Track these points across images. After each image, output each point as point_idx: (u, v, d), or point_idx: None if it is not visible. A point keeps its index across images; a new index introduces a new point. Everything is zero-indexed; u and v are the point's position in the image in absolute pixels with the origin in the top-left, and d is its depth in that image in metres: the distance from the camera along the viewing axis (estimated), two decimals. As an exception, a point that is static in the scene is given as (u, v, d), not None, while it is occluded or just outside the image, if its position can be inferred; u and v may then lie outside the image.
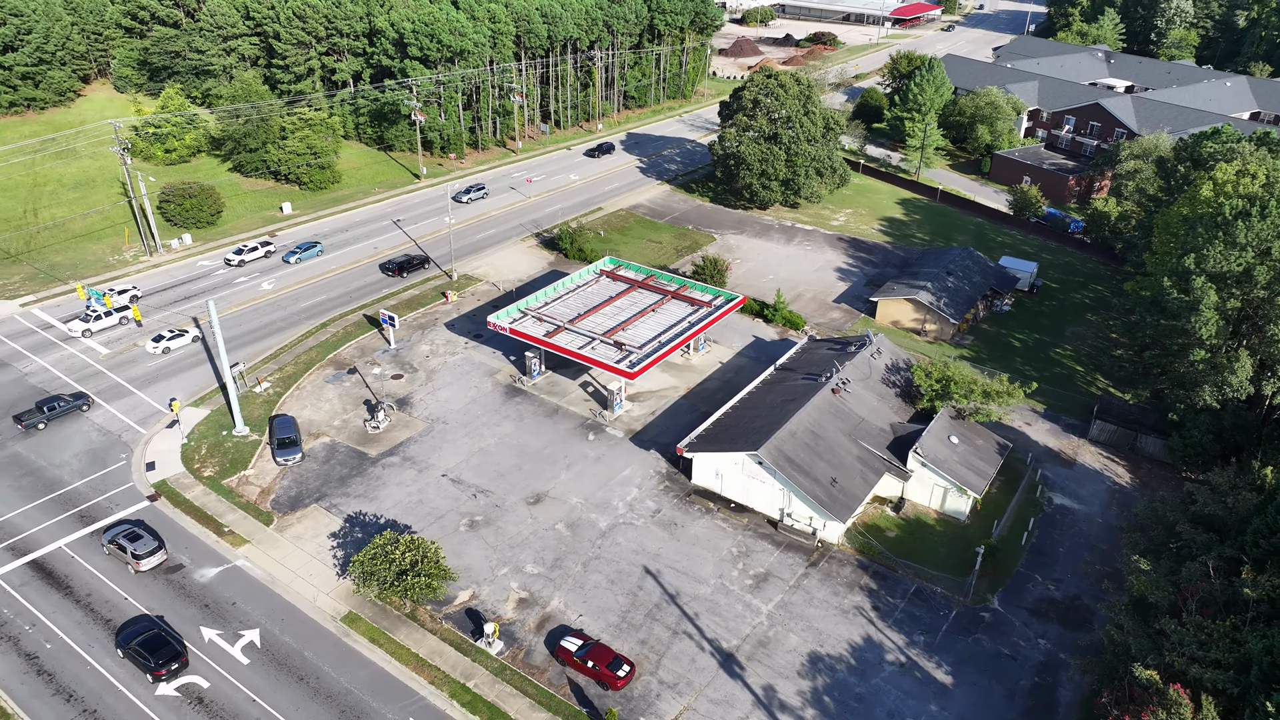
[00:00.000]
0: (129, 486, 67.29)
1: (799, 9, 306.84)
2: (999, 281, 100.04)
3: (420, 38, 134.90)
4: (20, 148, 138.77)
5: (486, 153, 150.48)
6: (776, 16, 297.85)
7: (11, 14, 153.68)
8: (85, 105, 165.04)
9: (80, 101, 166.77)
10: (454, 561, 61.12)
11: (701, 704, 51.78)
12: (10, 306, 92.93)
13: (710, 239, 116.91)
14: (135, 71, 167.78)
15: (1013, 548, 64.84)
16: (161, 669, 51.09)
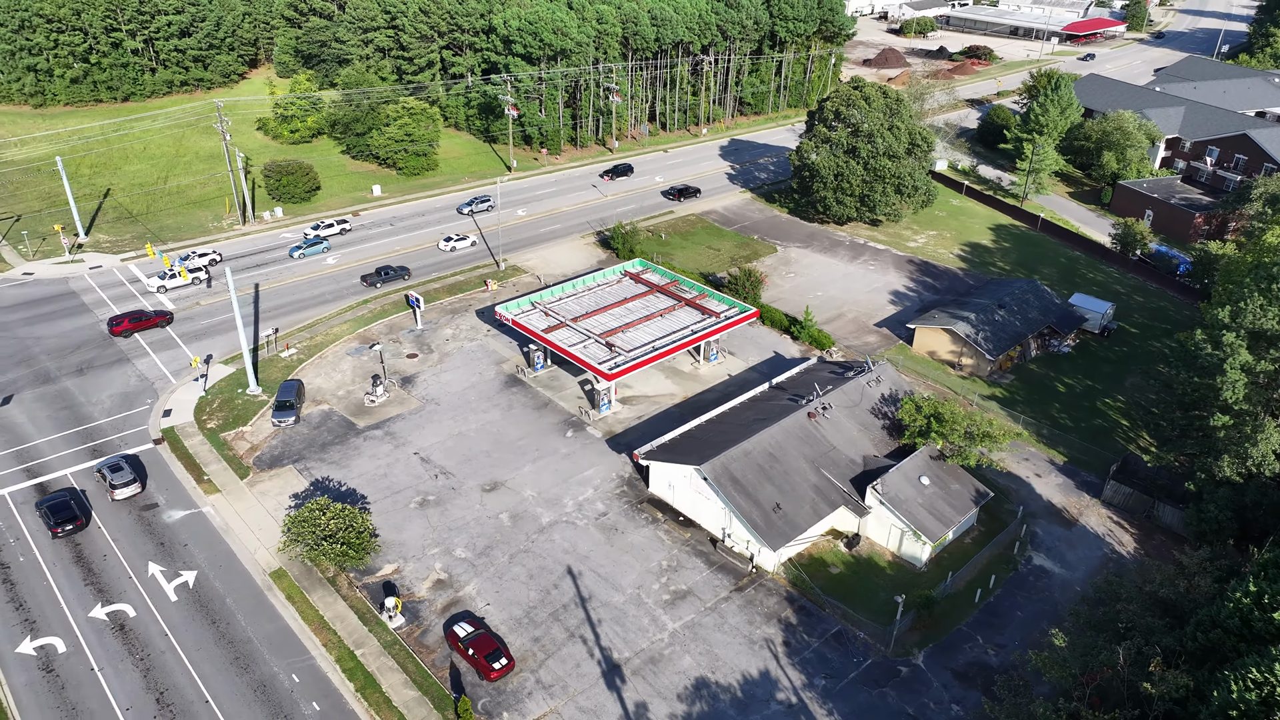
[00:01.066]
0: (143, 429, 74.35)
1: (965, 21, 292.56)
2: (1060, 320, 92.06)
3: (524, 35, 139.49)
4: (176, 122, 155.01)
5: (584, 150, 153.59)
6: (938, 28, 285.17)
7: (190, 2, 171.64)
8: (245, 87, 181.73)
9: (242, 83, 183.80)
10: (393, 536, 63.67)
11: (569, 710, 51.44)
12: (112, 260, 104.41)
13: (771, 250, 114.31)
14: (292, 58, 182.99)
15: (962, 604, 59.95)
16: (58, 528, 61.52)
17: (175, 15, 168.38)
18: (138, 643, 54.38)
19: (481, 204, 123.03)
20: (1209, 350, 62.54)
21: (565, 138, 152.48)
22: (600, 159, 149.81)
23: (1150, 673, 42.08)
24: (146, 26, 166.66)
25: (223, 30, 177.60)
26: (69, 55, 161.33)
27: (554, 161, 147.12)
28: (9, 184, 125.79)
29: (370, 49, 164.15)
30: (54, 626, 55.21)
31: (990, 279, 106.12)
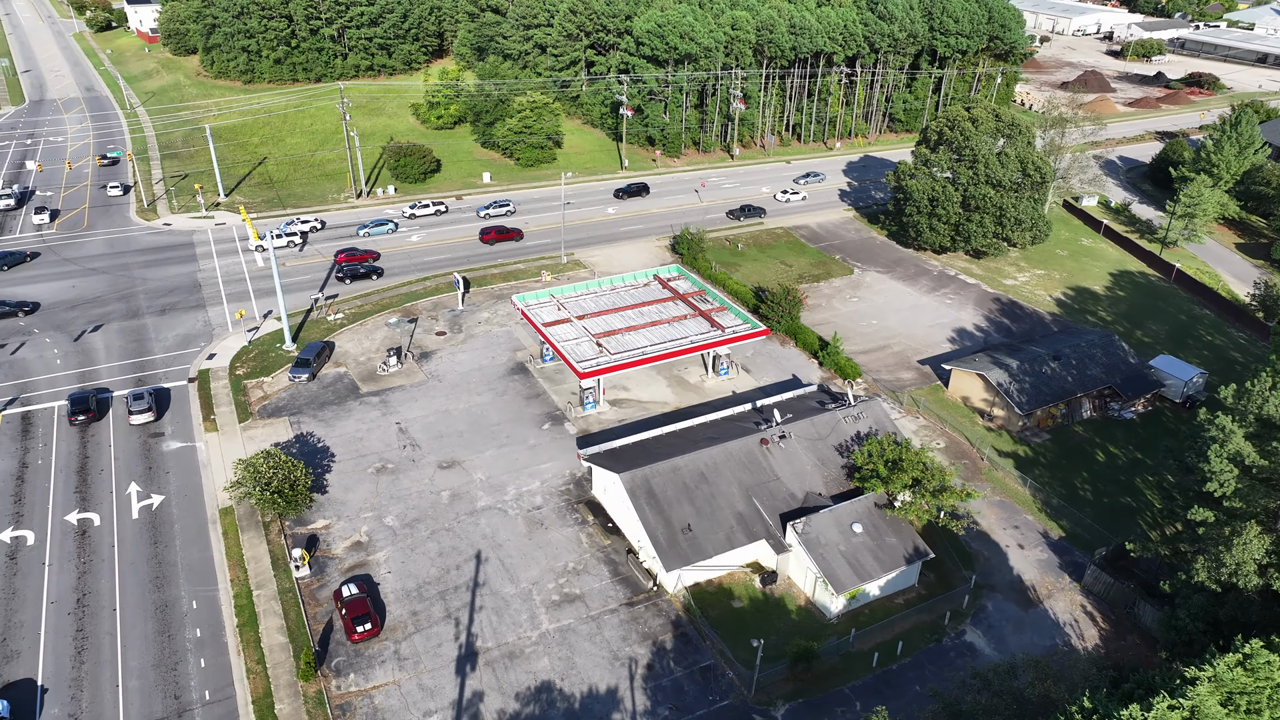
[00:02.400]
0: (185, 368, 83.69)
1: (1201, 45, 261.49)
2: (1128, 382, 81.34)
3: (651, 38, 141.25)
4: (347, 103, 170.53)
5: (706, 155, 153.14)
6: (1167, 52, 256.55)
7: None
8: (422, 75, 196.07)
9: (420, 71, 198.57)
10: (339, 495, 67.88)
11: (409, 684, 52.91)
12: (234, 218, 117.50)
13: (846, 272, 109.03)
14: (469, 51, 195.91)
15: (858, 666, 55.21)
16: (73, 416, 73.76)
17: (367, 6, 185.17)
18: (88, 548, 61.85)
19: (499, 208, 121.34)
20: (1210, 431, 53.45)
21: (688, 141, 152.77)
22: (718, 165, 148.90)
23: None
24: (341, 15, 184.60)
25: (408, 22, 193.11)
26: (274, 39, 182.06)
27: (669, 164, 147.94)
28: (194, 146, 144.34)
29: (530, 45, 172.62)
30: (34, 522, 63.94)
31: (1067, 327, 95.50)
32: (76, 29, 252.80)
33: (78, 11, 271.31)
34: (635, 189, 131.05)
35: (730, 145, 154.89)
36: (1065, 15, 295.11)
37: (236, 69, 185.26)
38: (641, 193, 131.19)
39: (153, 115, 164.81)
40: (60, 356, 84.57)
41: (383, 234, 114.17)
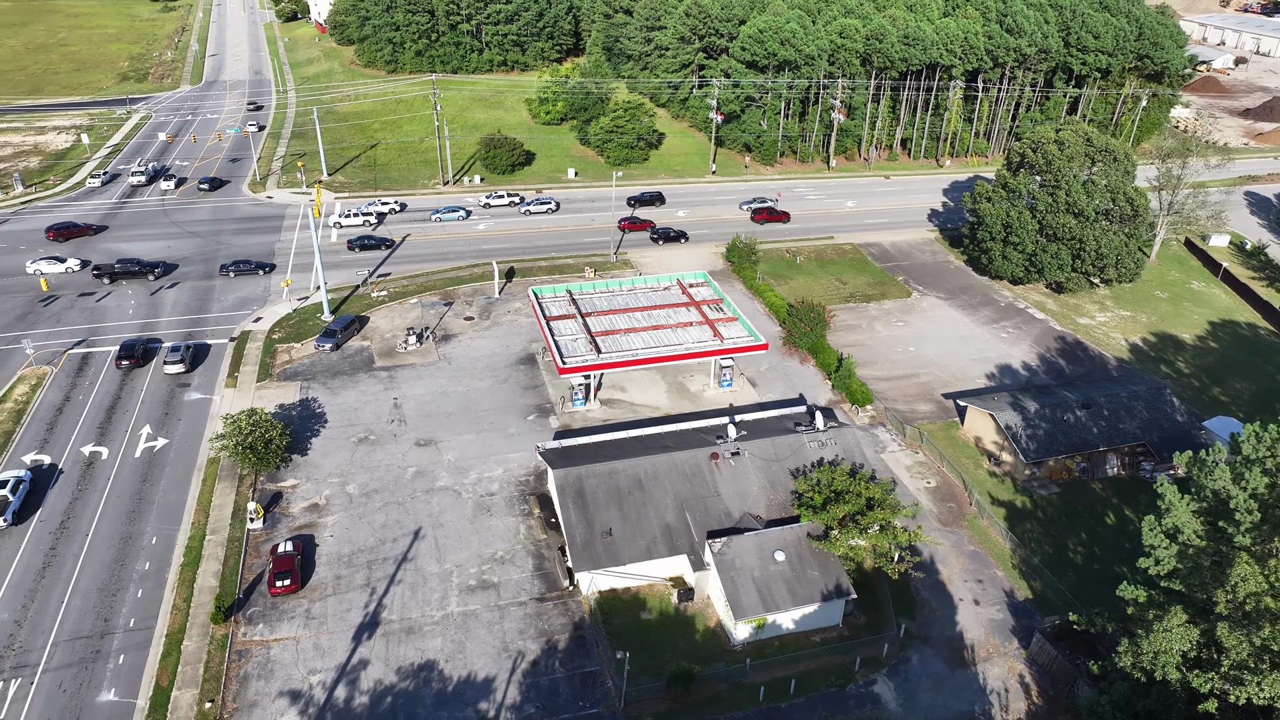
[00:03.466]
0: (231, 328, 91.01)
1: None
2: (1167, 440, 72.80)
3: (752, 43, 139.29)
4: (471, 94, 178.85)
5: (803, 165, 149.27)
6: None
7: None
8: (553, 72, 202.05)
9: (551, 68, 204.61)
10: (317, 459, 71.93)
11: (306, 642, 55.51)
12: (327, 196, 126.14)
13: (903, 294, 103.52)
14: (600, 50, 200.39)
15: (744, 697, 52.79)
16: (119, 360, 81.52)
17: (504, 4, 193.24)
18: (87, 479, 68.78)
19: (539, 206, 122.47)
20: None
21: (785, 149, 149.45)
22: (814, 175, 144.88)
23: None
24: (480, 12, 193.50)
25: (543, 20, 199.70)
26: (416, 32, 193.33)
27: (761, 171, 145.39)
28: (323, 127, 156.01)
29: (651, 46, 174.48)
30: (55, 449, 71.79)
31: (1131, 375, 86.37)
32: (269, 20, 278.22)
33: (273, 2, 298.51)
34: (649, 198, 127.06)
35: (829, 156, 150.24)
36: (1274, 35, 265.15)
37: (382, 59, 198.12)
38: (655, 202, 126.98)
39: (299, 98, 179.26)
40: (134, 307, 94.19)
41: (453, 220, 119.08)
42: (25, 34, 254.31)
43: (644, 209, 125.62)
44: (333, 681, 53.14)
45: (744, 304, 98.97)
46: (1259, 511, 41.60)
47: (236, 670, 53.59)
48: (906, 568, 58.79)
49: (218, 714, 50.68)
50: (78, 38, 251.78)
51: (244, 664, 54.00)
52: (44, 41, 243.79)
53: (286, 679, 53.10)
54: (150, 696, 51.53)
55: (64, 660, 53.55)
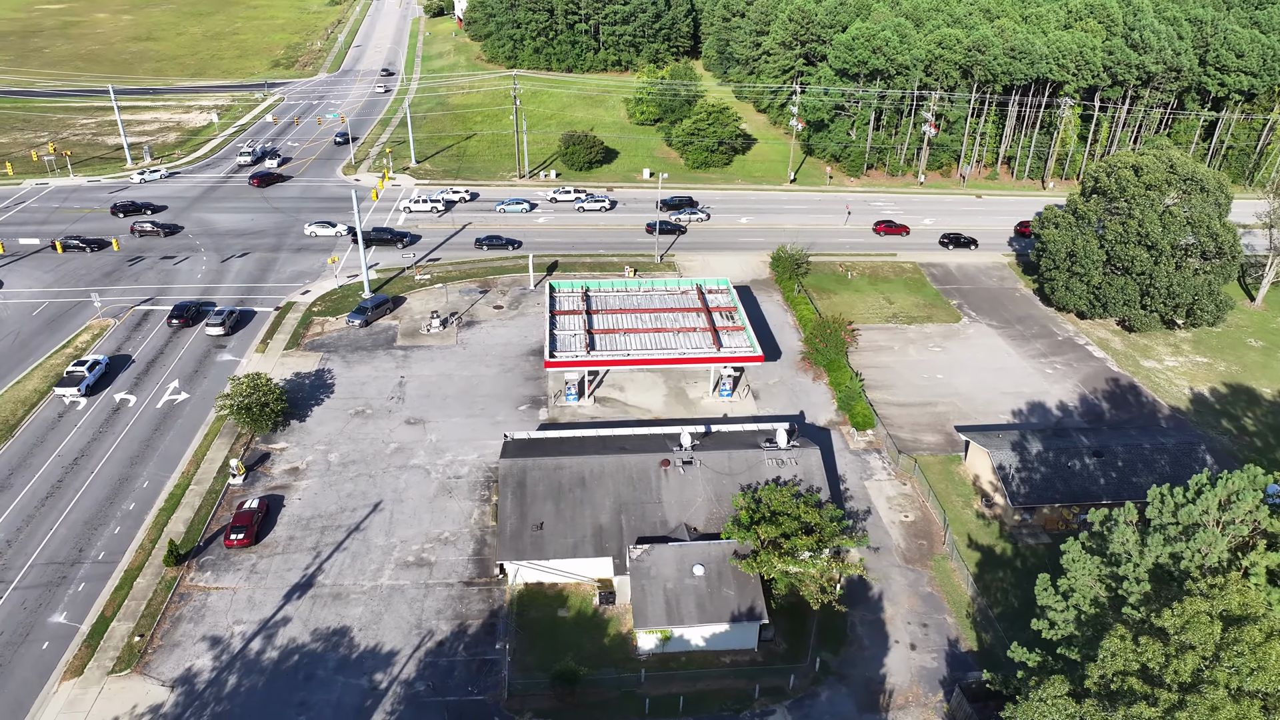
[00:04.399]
0: (280, 298, 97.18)
1: None
2: (1187, 502, 65.39)
3: (843, 50, 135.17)
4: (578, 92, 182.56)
5: (892, 178, 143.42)
6: None
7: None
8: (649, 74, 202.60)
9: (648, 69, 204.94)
10: (313, 426, 75.92)
11: (241, 594, 58.78)
12: (409, 182, 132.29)
13: (951, 319, 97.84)
14: (715, 54, 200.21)
15: (629, 707, 51.75)
16: (172, 319, 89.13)
17: (621, 5, 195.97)
18: (110, 422, 75.44)
19: (594, 201, 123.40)
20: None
21: (873, 161, 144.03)
22: (900, 190, 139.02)
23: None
24: (598, 12, 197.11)
25: (660, 23, 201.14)
26: (535, 30, 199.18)
27: (845, 182, 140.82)
28: (431, 115, 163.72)
29: (759, 51, 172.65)
30: (94, 393, 79.18)
31: (1181, 427, 78.17)
32: (418, 15, 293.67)
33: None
34: (679, 202, 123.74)
35: (921, 170, 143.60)
36: None
37: (503, 55, 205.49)
38: (683, 206, 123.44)
39: (419, 88, 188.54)
40: (203, 272, 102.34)
41: (517, 212, 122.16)
42: (208, 22, 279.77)
43: (672, 211, 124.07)
44: (252, 634, 56.15)
45: (776, 316, 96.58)
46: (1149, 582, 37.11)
47: (174, 611, 57.55)
48: (830, 599, 55.86)
49: (142, 648, 54.66)
50: (250, 27, 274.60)
51: (182, 606, 57.91)
52: (220, 30, 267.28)
53: (213, 625, 56.55)
54: (93, 624, 56.16)
55: (35, 581, 59.19)
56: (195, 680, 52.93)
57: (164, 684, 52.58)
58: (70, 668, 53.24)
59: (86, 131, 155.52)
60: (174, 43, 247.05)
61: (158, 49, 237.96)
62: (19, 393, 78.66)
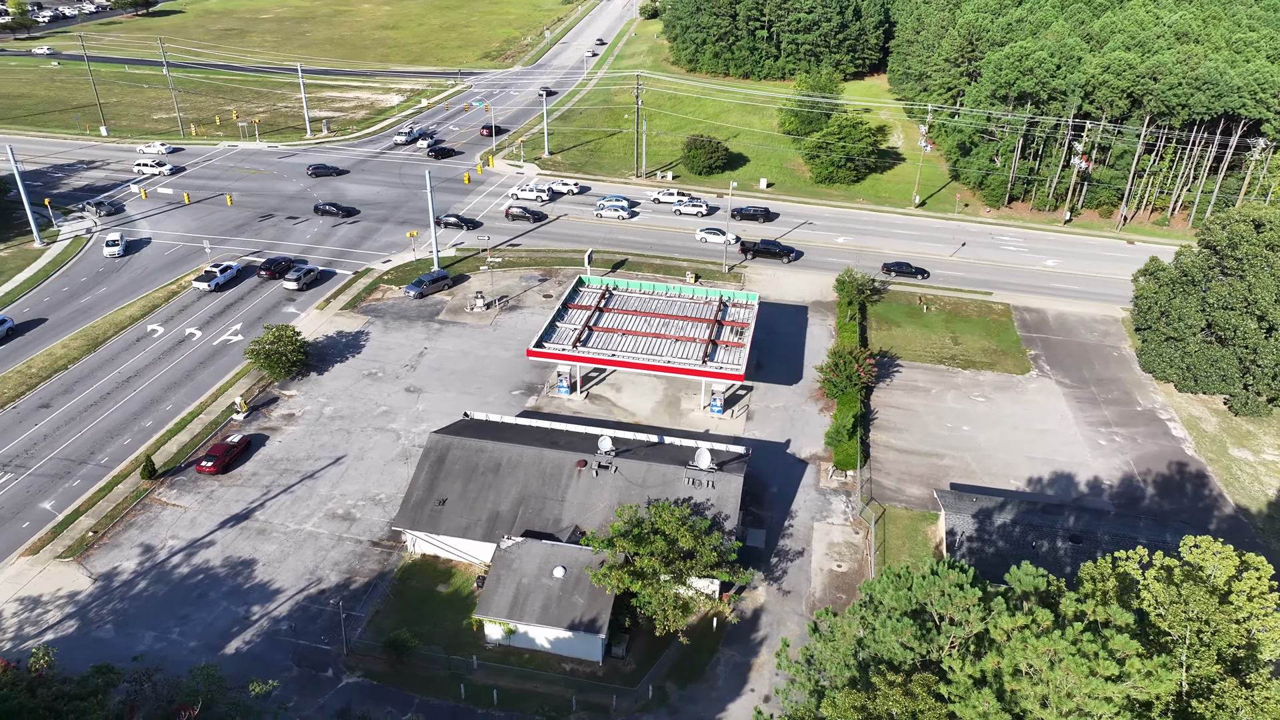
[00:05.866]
0: (364, 265, 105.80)
1: None
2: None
3: (993, 70, 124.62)
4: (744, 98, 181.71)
5: (1036, 213, 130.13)
6: None
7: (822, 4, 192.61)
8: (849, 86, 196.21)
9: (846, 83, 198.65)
10: (327, 380, 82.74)
11: (189, 514, 65.62)
12: (532, 170, 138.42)
13: (1017, 370, 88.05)
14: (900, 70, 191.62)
15: (448, 688, 52.35)
16: (260, 271, 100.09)
17: (805, 13, 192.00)
18: (172, 351, 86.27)
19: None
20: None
21: (1019, 193, 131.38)
22: (1043, 226, 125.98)
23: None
24: (781, 19, 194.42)
25: (845, 33, 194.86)
26: (716, 34, 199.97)
27: (981, 213, 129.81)
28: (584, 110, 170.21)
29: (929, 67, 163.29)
30: (171, 325, 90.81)
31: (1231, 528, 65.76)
32: (634, 16, 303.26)
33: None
34: (753, 213, 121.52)
35: (1075, 207, 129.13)
36: None
37: (685, 57, 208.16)
38: (758, 217, 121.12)
39: (596, 86, 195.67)
40: (313, 234, 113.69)
41: (615, 210, 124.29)
42: (450, 15, 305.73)
43: (747, 223, 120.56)
44: (179, 549, 62.76)
45: (818, 340, 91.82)
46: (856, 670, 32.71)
47: (131, 517, 65.53)
48: (675, 629, 53.14)
49: (91, 543, 62.84)
50: (481, 21, 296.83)
51: (139, 514, 65.81)
52: (455, 23, 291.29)
53: (153, 535, 63.83)
54: (66, 515, 65.27)
55: (46, 471, 69.68)
56: (115, 578, 60.19)
57: (90, 576, 60.26)
58: (31, 547, 62.38)
59: (296, 104, 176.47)
60: (412, 32, 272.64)
61: (395, 37, 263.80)
62: (117, 317, 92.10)
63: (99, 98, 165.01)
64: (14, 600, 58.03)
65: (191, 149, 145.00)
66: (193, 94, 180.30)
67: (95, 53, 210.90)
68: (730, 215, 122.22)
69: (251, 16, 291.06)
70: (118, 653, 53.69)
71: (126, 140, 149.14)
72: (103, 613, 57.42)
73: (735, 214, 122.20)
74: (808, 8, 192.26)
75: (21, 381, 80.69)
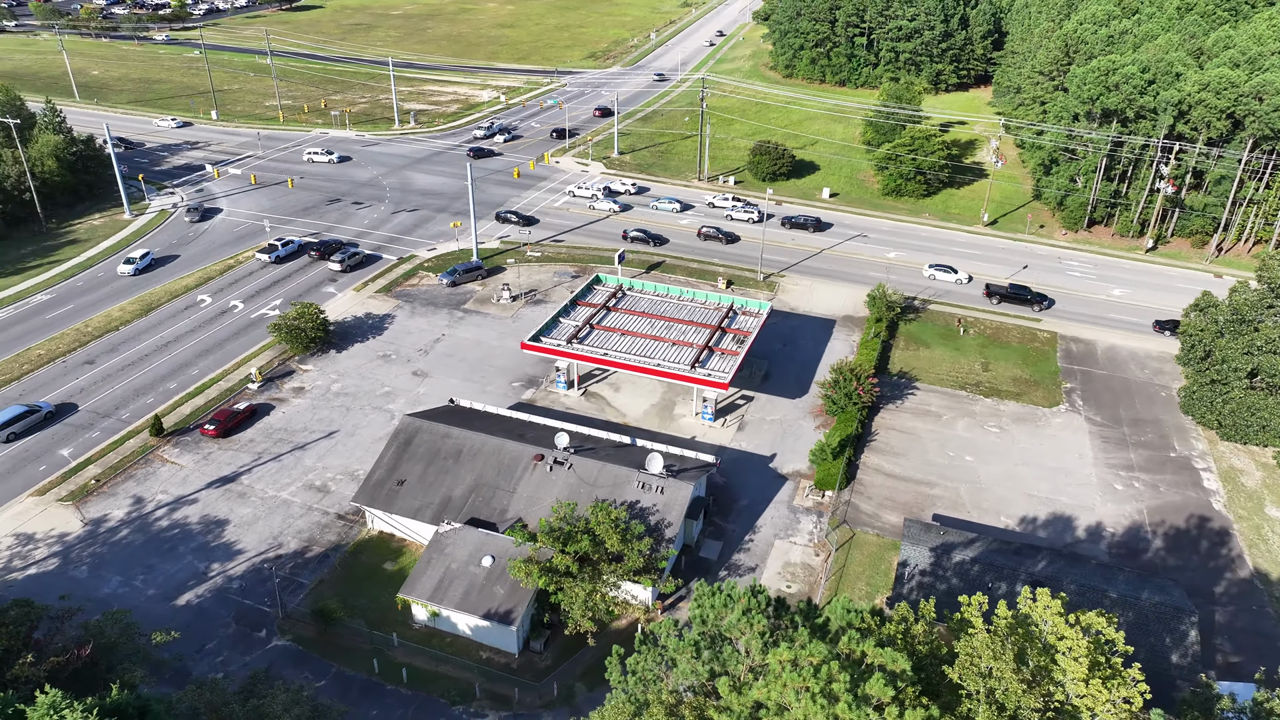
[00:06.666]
0: (408, 252, 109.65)
1: None
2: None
3: (1073, 82, 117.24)
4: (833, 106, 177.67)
5: (1118, 239, 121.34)
6: None
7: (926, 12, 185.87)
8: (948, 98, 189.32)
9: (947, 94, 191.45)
10: (344, 359, 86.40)
11: (183, 473, 69.92)
12: (597, 168, 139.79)
13: (1045, 404, 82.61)
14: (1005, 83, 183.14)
15: (363, 660, 53.73)
16: (312, 252, 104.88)
17: (907, 21, 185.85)
18: (213, 321, 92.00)
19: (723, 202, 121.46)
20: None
21: (1101, 216, 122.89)
22: (1121, 253, 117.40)
23: None
24: (881, 26, 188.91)
25: (949, 43, 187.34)
26: (814, 40, 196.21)
27: (1053, 234, 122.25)
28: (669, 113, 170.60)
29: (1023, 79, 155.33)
30: (221, 300, 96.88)
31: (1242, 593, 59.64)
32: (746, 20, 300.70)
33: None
34: (804, 221, 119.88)
35: (1163, 235, 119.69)
36: None
37: (784, 63, 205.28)
38: (808, 226, 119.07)
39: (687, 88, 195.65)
40: (371, 219, 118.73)
41: (667, 211, 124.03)
42: (568, 15, 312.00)
43: (797, 232, 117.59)
44: (165, 504, 67.03)
45: (837, 355, 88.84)
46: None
47: (133, 470, 70.45)
48: (585, 631, 52.69)
49: (90, 489, 67.95)
50: (597, 22, 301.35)
51: (140, 468, 70.68)
52: (570, 23, 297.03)
53: (146, 489, 68.43)
54: (77, 463, 70.83)
55: (76, 423, 75.77)
56: (102, 524, 64.92)
57: (82, 520, 65.20)
58: (40, 489, 68.05)
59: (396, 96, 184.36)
60: (527, 30, 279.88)
61: (510, 35, 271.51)
62: (173, 286, 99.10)
63: (214, 85, 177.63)
64: (11, 535, 63.49)
65: (284, 134, 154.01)
66: (305, 84, 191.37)
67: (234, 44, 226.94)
68: (780, 224, 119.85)
69: (383, 12, 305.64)
70: (85, 592, 58.03)
71: (233, 125, 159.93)
72: (83, 555, 62.07)
73: (785, 222, 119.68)
74: (910, 15, 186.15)
75: (75, 339, 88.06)
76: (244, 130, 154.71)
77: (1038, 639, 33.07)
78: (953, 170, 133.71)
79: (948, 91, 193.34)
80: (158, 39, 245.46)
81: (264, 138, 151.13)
